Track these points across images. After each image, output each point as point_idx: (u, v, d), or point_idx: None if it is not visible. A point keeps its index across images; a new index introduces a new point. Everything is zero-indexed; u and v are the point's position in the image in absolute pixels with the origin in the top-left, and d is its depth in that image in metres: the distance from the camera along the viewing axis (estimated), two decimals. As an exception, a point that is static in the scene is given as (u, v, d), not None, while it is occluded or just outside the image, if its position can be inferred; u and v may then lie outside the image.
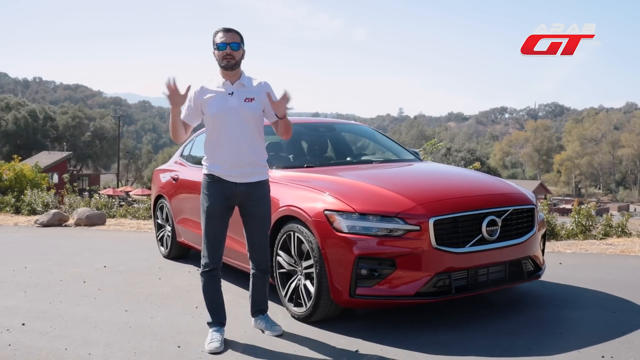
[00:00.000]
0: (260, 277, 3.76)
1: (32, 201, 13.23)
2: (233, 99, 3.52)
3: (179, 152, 6.54)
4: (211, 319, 3.65)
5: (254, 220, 3.64)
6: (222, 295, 3.70)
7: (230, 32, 3.51)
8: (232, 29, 3.53)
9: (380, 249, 3.59)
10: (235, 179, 3.54)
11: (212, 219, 3.57)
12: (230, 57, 3.48)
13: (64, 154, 51.85)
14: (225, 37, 3.49)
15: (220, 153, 3.54)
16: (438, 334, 3.65)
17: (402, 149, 5.72)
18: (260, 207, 3.63)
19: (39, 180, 16.37)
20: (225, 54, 3.48)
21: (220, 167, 3.54)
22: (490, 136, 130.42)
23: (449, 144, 60.02)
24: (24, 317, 4.23)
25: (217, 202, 3.55)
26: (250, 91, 3.57)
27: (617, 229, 8.17)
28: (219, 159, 3.55)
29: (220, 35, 3.50)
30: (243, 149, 3.52)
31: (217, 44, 3.49)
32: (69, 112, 66.69)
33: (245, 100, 3.53)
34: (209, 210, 3.56)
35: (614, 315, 3.95)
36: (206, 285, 3.64)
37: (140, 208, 12.58)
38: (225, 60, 3.49)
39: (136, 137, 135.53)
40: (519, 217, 4.00)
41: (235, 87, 3.55)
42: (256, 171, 3.59)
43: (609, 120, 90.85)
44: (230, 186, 3.54)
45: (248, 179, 3.56)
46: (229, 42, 3.47)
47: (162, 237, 6.57)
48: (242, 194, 3.56)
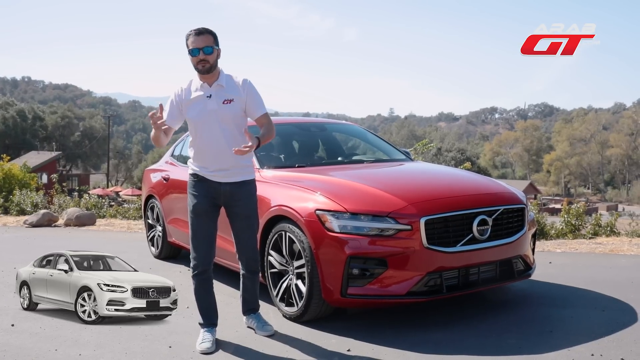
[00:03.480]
0: (250, 278, 3.76)
1: (21, 201, 13.12)
2: (212, 102, 3.47)
3: (170, 152, 6.52)
4: (202, 320, 3.63)
5: (239, 221, 3.63)
6: (214, 296, 3.69)
7: (202, 35, 3.40)
8: (204, 31, 3.41)
9: (371, 248, 3.60)
10: (219, 179, 3.52)
11: (198, 217, 3.55)
12: (205, 61, 3.41)
13: (53, 154, 51.42)
14: (197, 41, 3.39)
15: (203, 155, 3.54)
16: (429, 333, 3.66)
17: (393, 149, 5.74)
18: (244, 207, 3.60)
19: (27, 180, 16.22)
20: (199, 59, 3.40)
21: (205, 168, 3.54)
22: (481, 136, 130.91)
23: (439, 144, 60.19)
24: (13, 318, 4.19)
25: (202, 201, 3.54)
26: (228, 92, 3.50)
27: (606, 228, 8.23)
28: (202, 162, 3.54)
29: (192, 39, 3.40)
30: (224, 151, 3.47)
31: (190, 49, 3.41)
32: (58, 112, 66.24)
33: (224, 102, 3.47)
34: (195, 209, 3.54)
35: (603, 314, 3.98)
36: (198, 288, 3.62)
37: (130, 208, 12.50)
38: (200, 65, 3.42)
39: (126, 137, 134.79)
40: (509, 216, 4.03)
41: (214, 88, 3.49)
42: (240, 171, 3.56)
43: (598, 121, 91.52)
44: (215, 185, 3.53)
45: (232, 178, 3.54)
46: (201, 46, 3.38)
47: (153, 237, 6.54)
48: (226, 194, 3.55)
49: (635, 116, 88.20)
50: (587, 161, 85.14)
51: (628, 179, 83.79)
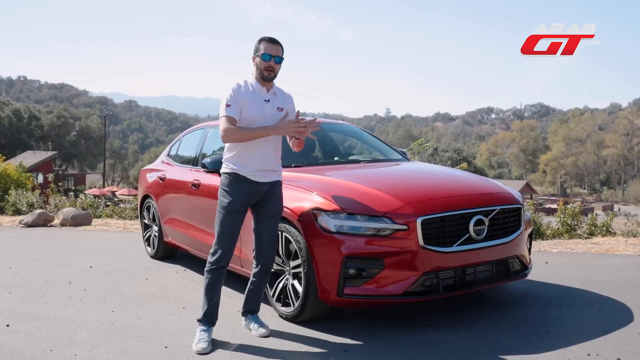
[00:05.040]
0: (261, 277, 3.75)
1: (17, 201, 13.08)
2: (269, 107, 3.62)
3: (166, 151, 6.51)
4: (203, 317, 3.63)
5: (268, 216, 3.67)
6: (220, 297, 3.69)
7: (276, 45, 3.59)
8: (278, 42, 3.61)
9: (368, 248, 3.60)
10: (259, 179, 3.61)
11: (230, 215, 3.59)
12: (271, 69, 3.58)
13: (49, 154, 51.32)
14: (270, 48, 3.57)
15: (250, 155, 3.59)
16: (426, 333, 3.66)
17: (390, 149, 5.74)
18: (275, 204, 3.69)
19: (23, 180, 16.16)
20: (267, 65, 3.56)
21: (247, 168, 3.59)
22: (477, 136, 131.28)
23: (435, 144, 60.19)
24: (8, 318, 4.17)
25: (238, 200, 3.59)
26: (280, 101, 3.69)
27: (601, 228, 8.26)
28: (247, 161, 3.60)
29: (265, 45, 3.57)
30: (271, 153, 3.65)
31: (262, 53, 3.56)
32: (54, 112, 66.13)
33: (277, 109, 3.64)
34: (230, 206, 3.58)
35: (599, 314, 3.99)
36: (211, 282, 3.62)
37: (126, 208, 12.48)
38: (266, 72, 3.59)
39: (122, 136, 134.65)
40: (505, 216, 4.03)
41: (270, 95, 3.66)
42: (277, 172, 3.72)
43: (594, 121, 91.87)
44: (254, 185, 3.61)
45: (270, 178, 3.65)
46: (274, 55, 3.56)
47: (149, 237, 6.53)
48: (263, 192, 3.64)
49: (631, 116, 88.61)
50: (583, 161, 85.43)
51: (624, 179, 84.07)
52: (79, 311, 4.36)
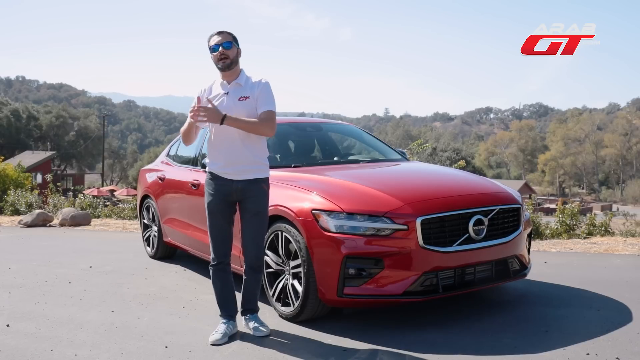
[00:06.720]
0: (252, 276, 3.76)
1: (16, 201, 13.07)
2: (228, 99, 3.61)
3: (166, 151, 6.51)
4: (220, 311, 3.75)
5: (249, 216, 3.66)
6: (232, 289, 3.76)
7: (222, 33, 3.61)
8: (224, 31, 3.62)
9: (367, 248, 3.61)
10: (231, 176, 3.60)
11: (211, 215, 3.68)
12: (225, 56, 3.56)
13: (48, 154, 51.23)
14: (216, 39, 3.58)
15: (217, 152, 3.64)
16: (425, 332, 3.67)
17: (389, 149, 5.74)
18: (255, 203, 3.65)
19: (22, 180, 16.16)
20: (219, 54, 3.56)
21: (217, 165, 3.64)
22: (476, 136, 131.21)
23: (434, 144, 60.19)
24: (8, 318, 4.18)
25: (215, 199, 3.65)
26: (245, 90, 3.62)
27: (600, 228, 8.27)
28: (216, 158, 3.65)
29: (212, 38, 3.61)
30: (237, 147, 3.58)
31: (211, 46, 3.59)
32: (52, 112, 65.96)
33: (239, 99, 3.59)
34: (209, 207, 3.68)
35: (598, 313, 4.00)
36: (213, 279, 3.75)
37: (125, 208, 12.48)
38: (221, 62, 3.58)
39: (121, 136, 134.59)
40: (505, 216, 4.04)
41: (232, 86, 3.64)
42: (253, 169, 3.62)
43: (592, 121, 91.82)
44: (227, 183, 3.61)
45: (244, 176, 3.61)
46: (221, 42, 3.56)
47: (149, 237, 6.53)
48: (238, 191, 3.62)
49: (630, 116, 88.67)
50: (581, 161, 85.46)
51: (622, 179, 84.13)
52: (79, 311, 4.37)
